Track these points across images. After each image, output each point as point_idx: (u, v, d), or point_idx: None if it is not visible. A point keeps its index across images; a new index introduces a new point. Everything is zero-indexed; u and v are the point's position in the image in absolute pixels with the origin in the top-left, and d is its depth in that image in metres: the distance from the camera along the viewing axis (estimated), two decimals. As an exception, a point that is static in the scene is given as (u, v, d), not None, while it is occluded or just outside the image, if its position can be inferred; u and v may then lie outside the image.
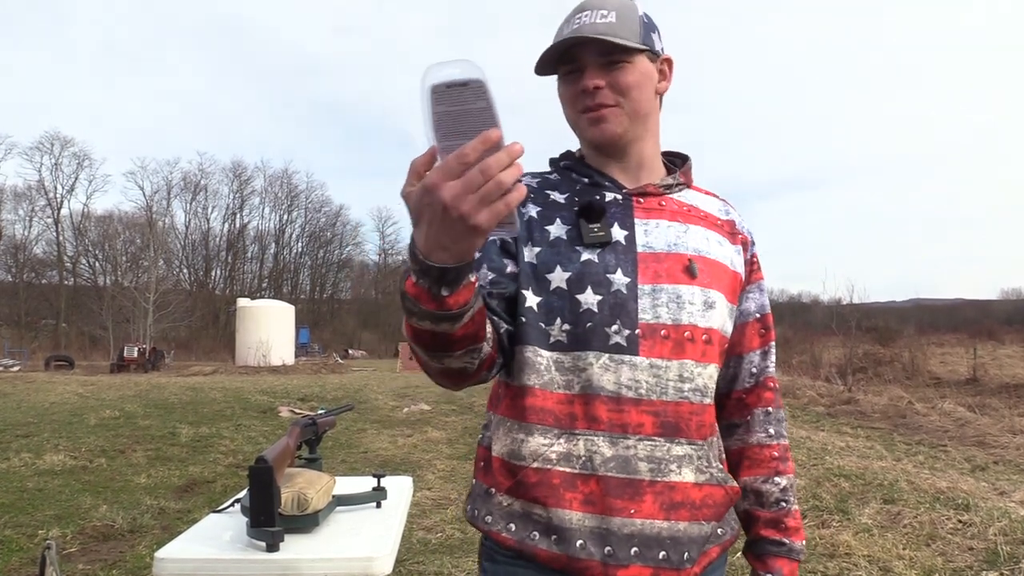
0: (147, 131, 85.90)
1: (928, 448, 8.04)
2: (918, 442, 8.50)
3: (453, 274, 0.79)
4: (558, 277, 1.10)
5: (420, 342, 0.91)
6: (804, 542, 1.23)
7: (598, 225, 1.13)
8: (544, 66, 1.16)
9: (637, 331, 1.09)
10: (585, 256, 1.11)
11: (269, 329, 27.43)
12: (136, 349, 26.22)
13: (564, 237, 1.13)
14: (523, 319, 1.10)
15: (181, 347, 38.82)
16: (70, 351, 34.32)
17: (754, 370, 1.26)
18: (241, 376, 20.56)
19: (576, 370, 1.08)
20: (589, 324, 1.08)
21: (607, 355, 1.08)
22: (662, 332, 1.10)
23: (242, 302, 30.43)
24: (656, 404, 1.08)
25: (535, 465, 1.07)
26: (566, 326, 1.09)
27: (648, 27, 1.17)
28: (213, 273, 58.28)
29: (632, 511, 1.05)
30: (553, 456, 1.07)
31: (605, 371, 1.07)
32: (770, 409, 1.26)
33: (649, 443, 1.07)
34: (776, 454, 1.24)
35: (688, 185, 1.25)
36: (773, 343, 1.29)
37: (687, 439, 1.10)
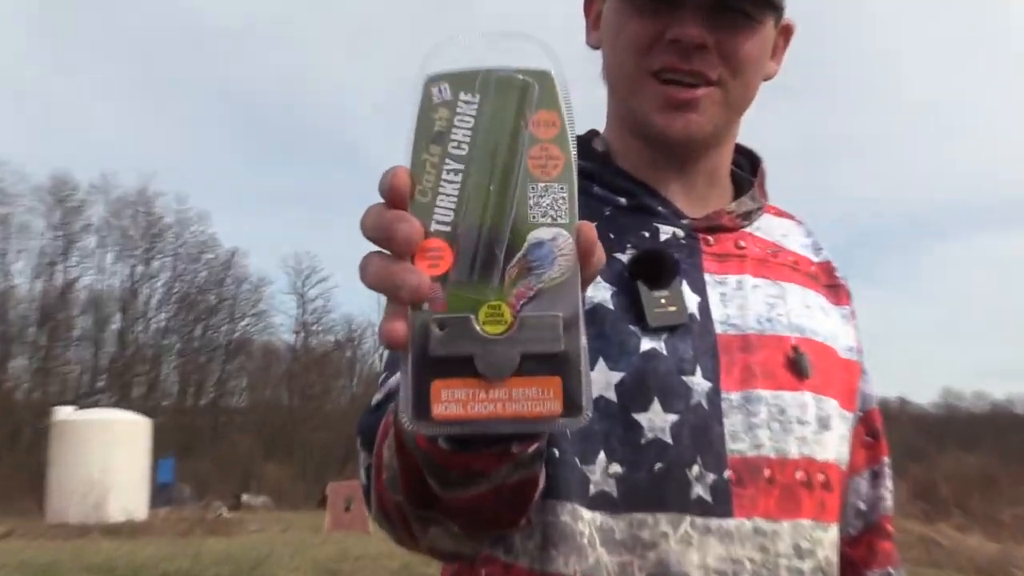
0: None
1: None
2: None
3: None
4: (602, 379, 1.09)
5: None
6: None
7: (667, 293, 1.11)
8: None
9: (728, 473, 1.08)
10: (648, 344, 1.10)
11: (106, 459, 27.44)
12: None
13: (610, 306, 1.12)
14: (555, 452, 1.07)
15: (-45, 490, 38.80)
16: None
17: (862, 506, 1.27)
18: (55, 541, 20.47)
19: (637, 547, 1.06)
20: (660, 466, 1.07)
21: (689, 519, 1.06)
22: (766, 474, 1.09)
23: (62, 413, 30.54)
24: None
25: None
26: (616, 467, 1.07)
27: None
28: (13, 364, 58.61)
29: None
30: None
31: (687, 547, 1.05)
32: (891, 571, 1.27)
33: None
34: None
35: (764, 207, 1.28)
36: (886, 459, 1.31)
37: None
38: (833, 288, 1.28)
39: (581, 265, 0.64)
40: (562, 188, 0.65)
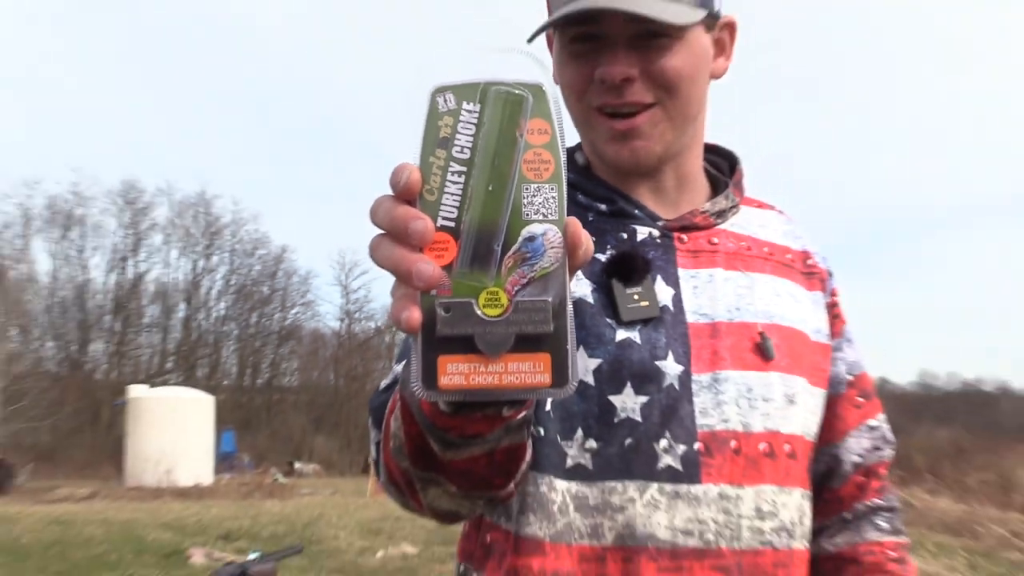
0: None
1: None
2: None
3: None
4: (581, 365, 1.10)
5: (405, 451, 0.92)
6: None
7: (639, 290, 1.12)
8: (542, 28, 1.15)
9: (697, 445, 1.09)
10: (622, 334, 1.11)
11: (176, 432, 27.41)
12: (-27, 462, 26.31)
13: (591, 301, 1.13)
14: (540, 431, 1.10)
15: (42, 459, 38.85)
16: None
17: (856, 459, 1.26)
18: (133, 503, 20.48)
19: (608, 510, 1.07)
20: (629, 441, 1.08)
21: (656, 485, 1.07)
22: (732, 444, 1.10)
23: (135, 391, 30.54)
24: (727, 556, 1.07)
25: None
26: (591, 442, 1.09)
27: None
28: (92, 347, 58.67)
29: None
30: None
31: (655, 510, 1.06)
32: (880, 501, 1.27)
33: None
34: (894, 554, 1.24)
35: (740, 203, 1.27)
36: (882, 416, 1.30)
37: None
38: (808, 275, 1.27)
39: (568, 256, 0.65)
40: (552, 189, 0.66)
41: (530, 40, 1.14)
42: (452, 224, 0.66)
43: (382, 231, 0.66)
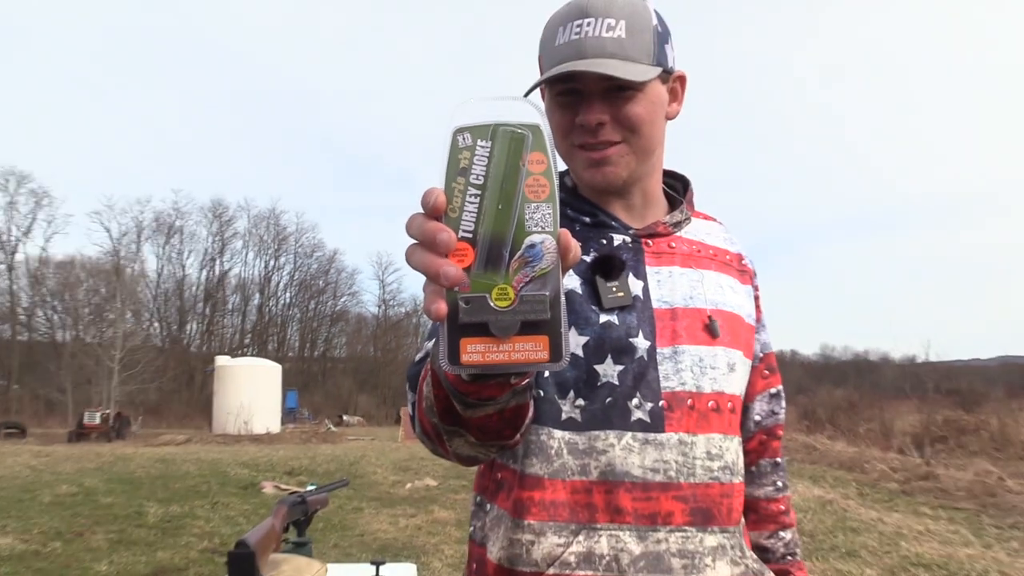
0: (115, 167, 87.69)
1: (1023, 533, 7.87)
2: (1011, 525, 8.31)
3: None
4: (572, 342, 1.10)
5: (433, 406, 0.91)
6: None
7: (616, 284, 1.13)
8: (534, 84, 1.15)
9: (662, 403, 1.09)
10: (604, 318, 1.11)
11: (252, 392, 27.53)
12: (98, 415, 26.38)
13: (579, 292, 1.12)
14: (541, 393, 1.10)
15: (150, 412, 38.96)
16: (22, 417, 34.42)
17: (757, 418, 1.27)
18: (219, 446, 20.55)
19: (593, 453, 1.07)
20: (609, 399, 1.08)
21: (630, 434, 1.07)
22: (688, 402, 1.10)
23: (221, 361, 30.70)
24: (684, 488, 1.07)
25: (552, 571, 1.05)
26: (580, 401, 1.09)
27: (662, 38, 1.14)
28: (188, 327, 58.80)
29: None
30: (572, 559, 1.04)
31: (629, 453, 1.07)
32: (777, 460, 1.29)
33: (680, 534, 1.06)
34: (783, 507, 1.27)
35: (692, 216, 1.27)
36: (780, 387, 1.31)
37: (719, 526, 1.09)
38: (741, 272, 1.27)
39: (561, 259, 0.65)
40: (548, 207, 0.66)
41: (527, 93, 1.13)
42: (470, 235, 0.65)
43: (415, 241, 0.65)
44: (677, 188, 1.31)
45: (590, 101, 1.11)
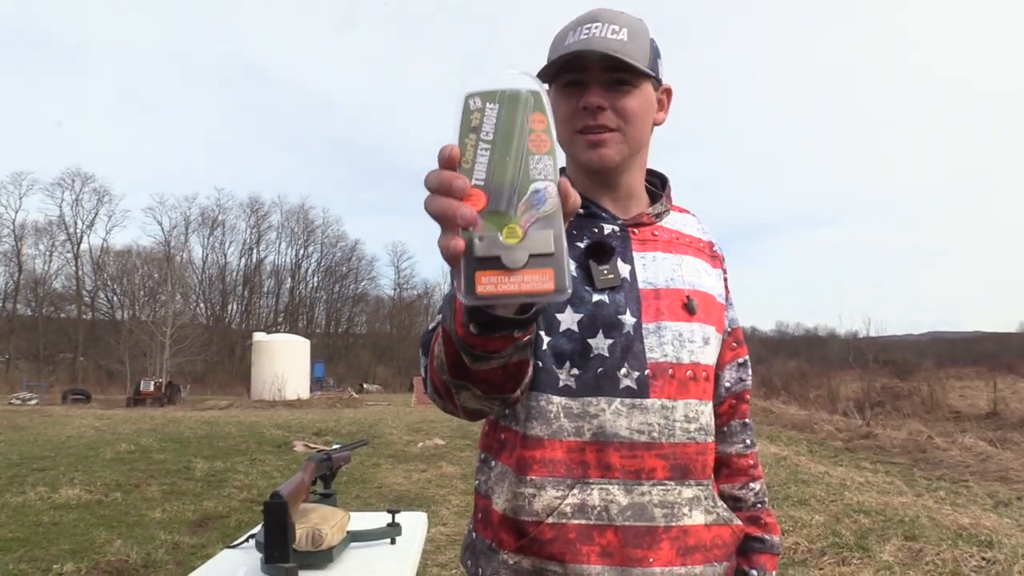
0: (166, 168, 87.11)
1: (949, 483, 7.91)
2: (939, 477, 8.36)
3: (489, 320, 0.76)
4: (569, 318, 1.09)
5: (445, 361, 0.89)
6: (780, 536, 1.25)
7: (607, 267, 1.12)
8: (543, 74, 1.14)
9: (647, 372, 1.08)
10: (596, 297, 1.10)
11: (284, 363, 27.53)
12: (152, 383, 26.35)
13: (574, 274, 1.11)
14: (539, 363, 1.08)
15: (197, 381, 39.00)
16: (87, 385, 34.54)
17: (728, 384, 1.26)
18: (256, 410, 20.61)
19: (586, 416, 1.06)
20: (600, 369, 1.07)
21: (619, 400, 1.07)
22: (669, 371, 1.10)
23: (258, 336, 30.65)
24: (665, 447, 1.07)
25: (550, 520, 1.05)
26: (575, 370, 1.08)
27: (655, 52, 1.15)
28: (230, 307, 58.60)
29: (651, 559, 1.04)
30: (568, 509, 1.04)
31: (618, 416, 1.06)
32: (746, 421, 1.28)
33: (661, 488, 1.06)
34: (751, 462, 1.27)
35: (670, 209, 1.26)
36: (747, 357, 1.30)
37: (695, 480, 1.10)
38: (713, 257, 1.26)
39: (562, 204, 0.64)
40: (549, 159, 0.66)
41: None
42: (482, 183, 0.65)
43: (433, 191, 0.64)
44: (656, 185, 1.30)
45: (594, 88, 1.11)
